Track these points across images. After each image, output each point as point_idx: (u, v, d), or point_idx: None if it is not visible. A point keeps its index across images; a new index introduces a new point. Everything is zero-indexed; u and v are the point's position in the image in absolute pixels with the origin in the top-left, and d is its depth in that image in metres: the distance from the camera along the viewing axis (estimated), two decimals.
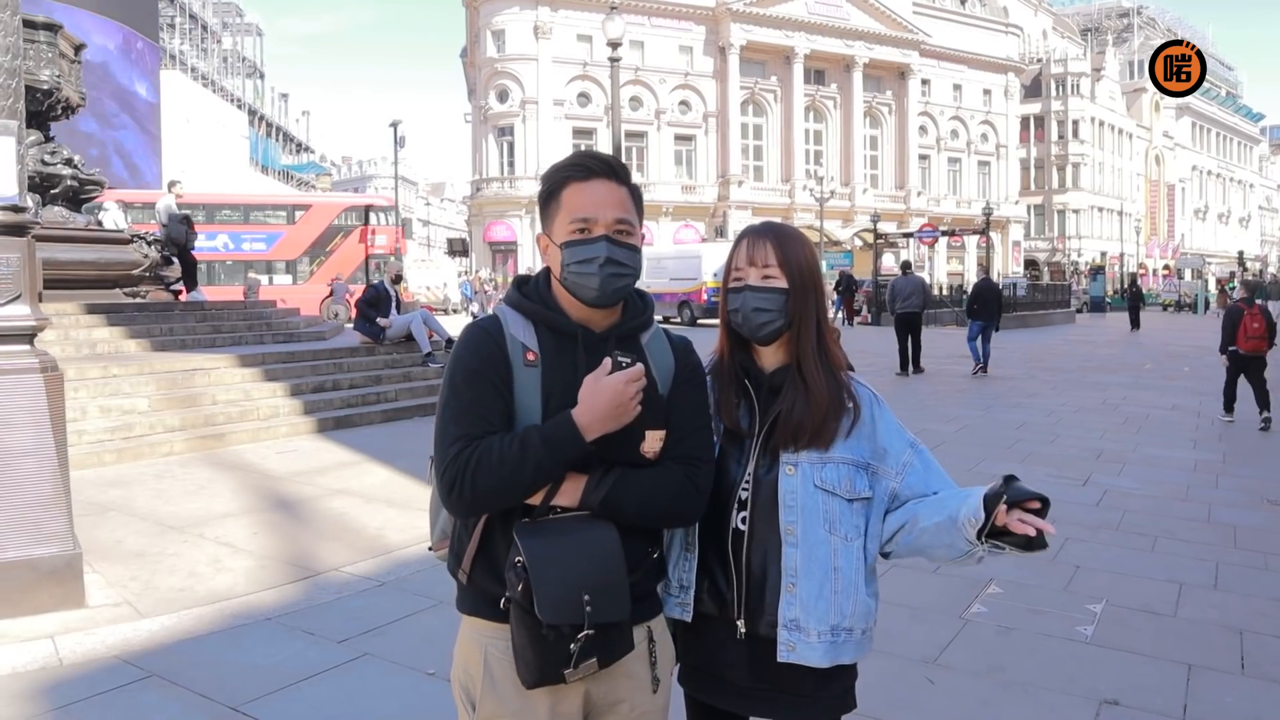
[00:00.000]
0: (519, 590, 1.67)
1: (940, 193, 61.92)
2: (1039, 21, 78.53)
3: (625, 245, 1.84)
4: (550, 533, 1.72)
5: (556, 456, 1.71)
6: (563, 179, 1.85)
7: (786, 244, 1.98)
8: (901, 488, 1.96)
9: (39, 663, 4.12)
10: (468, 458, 1.70)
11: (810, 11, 54.68)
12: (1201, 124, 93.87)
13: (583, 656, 1.71)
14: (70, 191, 12.83)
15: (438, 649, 4.16)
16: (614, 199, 1.85)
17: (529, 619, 1.67)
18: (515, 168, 49.78)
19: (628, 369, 1.74)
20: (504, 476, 1.69)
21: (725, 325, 2.04)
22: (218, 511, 6.75)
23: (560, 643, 1.68)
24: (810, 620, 1.87)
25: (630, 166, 2.02)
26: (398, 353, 12.59)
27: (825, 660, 1.87)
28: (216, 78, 50.21)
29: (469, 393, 1.77)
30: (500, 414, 1.77)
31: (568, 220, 1.83)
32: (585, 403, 1.72)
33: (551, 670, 1.70)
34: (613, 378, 1.72)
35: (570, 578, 1.67)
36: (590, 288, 1.81)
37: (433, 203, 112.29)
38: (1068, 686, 3.94)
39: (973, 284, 19.19)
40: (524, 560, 1.67)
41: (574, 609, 1.66)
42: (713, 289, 30.80)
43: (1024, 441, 9.87)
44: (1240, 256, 69.54)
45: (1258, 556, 5.89)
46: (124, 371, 9.51)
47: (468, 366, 1.79)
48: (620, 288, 1.84)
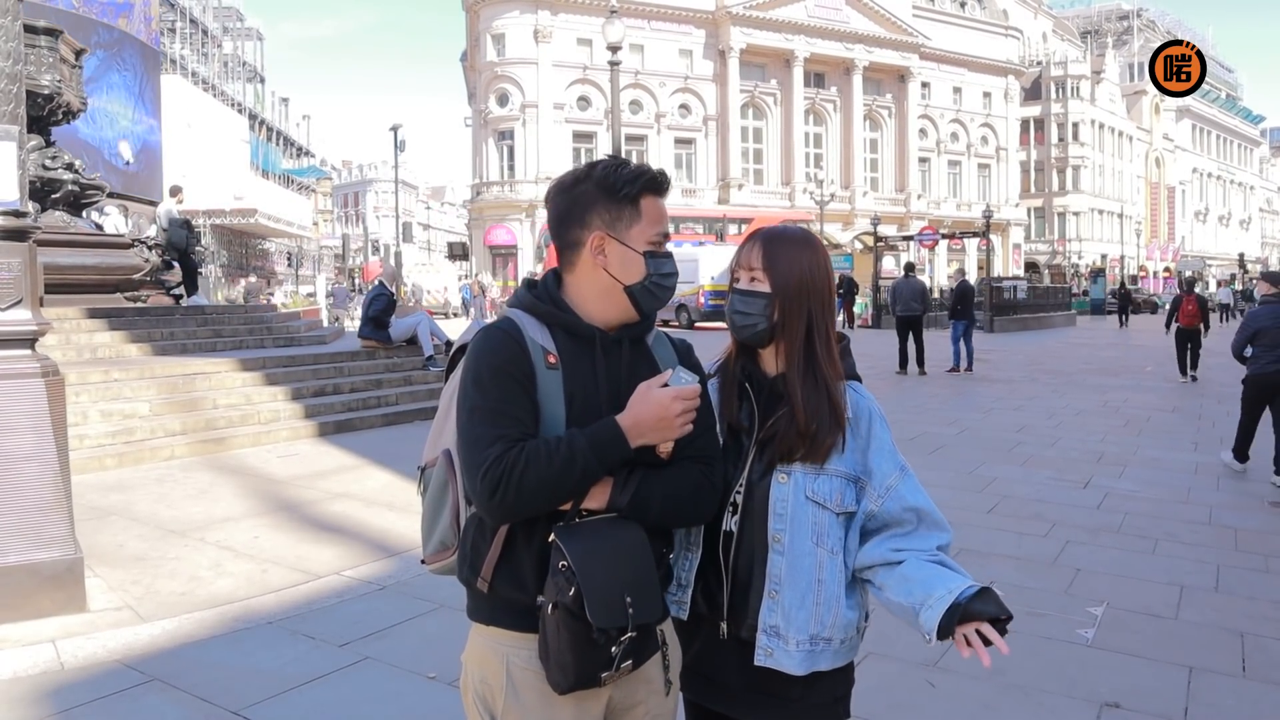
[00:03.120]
0: (570, 595, 1.65)
1: (940, 196, 61.94)
2: (1039, 24, 78.60)
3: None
4: (588, 536, 1.71)
5: (603, 460, 1.70)
6: (643, 187, 1.85)
7: (777, 248, 1.96)
8: (880, 510, 1.93)
9: (40, 667, 4.12)
10: (514, 459, 1.66)
11: (810, 15, 54.72)
12: (1202, 126, 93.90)
13: (623, 659, 1.71)
14: (71, 196, 12.87)
15: (439, 653, 4.16)
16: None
17: (576, 623, 1.65)
18: (515, 171, 49.80)
19: (683, 385, 1.74)
20: (551, 480, 1.67)
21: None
22: (219, 515, 6.76)
23: (606, 646, 1.68)
24: (790, 629, 1.86)
25: None
26: (398, 356, 12.60)
27: (801, 668, 1.87)
28: (217, 82, 50.15)
29: (497, 391, 1.74)
30: (530, 414, 1.75)
31: (651, 231, 1.85)
32: (633, 409, 1.73)
33: (589, 674, 1.69)
34: (663, 391, 1.72)
35: (615, 580, 1.68)
36: (663, 299, 1.88)
37: (433, 207, 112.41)
38: (1069, 689, 3.94)
39: (954, 286, 19.38)
40: (570, 564, 1.66)
41: (620, 611, 1.67)
42: (710, 292, 30.85)
43: (1024, 444, 9.86)
44: (1241, 259, 69.57)
45: (1259, 559, 5.89)
46: (125, 376, 9.52)
47: (493, 365, 1.76)
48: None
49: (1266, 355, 8.35)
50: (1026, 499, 7.16)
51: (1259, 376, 8.39)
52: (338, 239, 68.48)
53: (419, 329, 12.63)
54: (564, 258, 1.89)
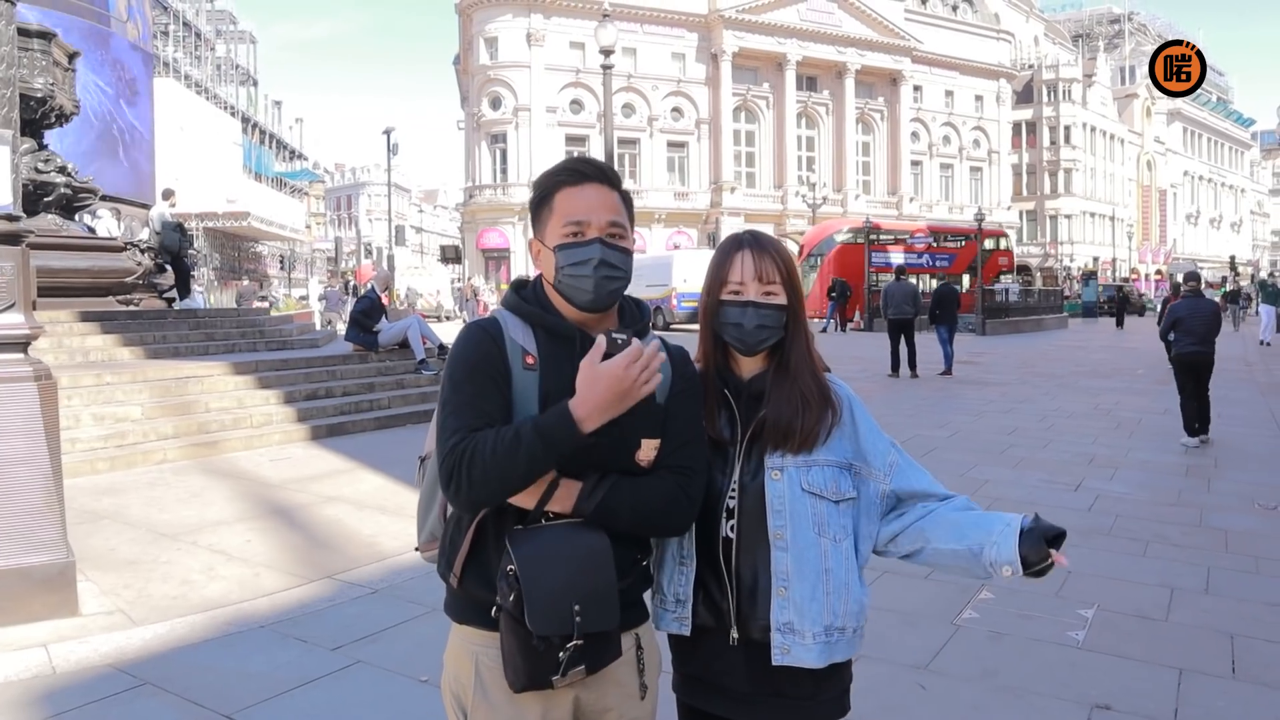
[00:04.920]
0: (510, 600, 1.66)
1: (933, 198, 62.09)
2: (1030, 28, 78.89)
3: (618, 248, 1.85)
4: (543, 541, 1.71)
5: (550, 446, 1.67)
6: (555, 184, 1.87)
7: (786, 259, 2.00)
8: (893, 488, 1.99)
9: (32, 671, 4.11)
10: (465, 448, 1.68)
11: (802, 18, 54.86)
12: (1193, 129, 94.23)
13: (571, 664, 1.71)
14: (64, 199, 12.84)
15: (431, 656, 4.14)
16: (606, 202, 1.86)
17: (519, 628, 1.67)
18: (508, 174, 49.86)
19: (625, 347, 1.69)
20: (497, 466, 1.66)
21: (708, 334, 2.03)
22: (211, 519, 6.75)
23: (549, 652, 1.68)
24: (805, 623, 1.87)
25: (623, 173, 2.05)
26: (390, 360, 12.59)
27: (820, 660, 1.87)
28: (210, 85, 50.09)
29: (469, 386, 1.76)
30: (500, 408, 1.76)
31: (561, 223, 1.84)
32: (582, 391, 1.69)
33: (540, 676, 1.70)
34: (611, 362, 1.68)
35: (561, 588, 1.67)
36: (584, 290, 1.82)
37: (426, 210, 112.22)
38: (1059, 691, 3.96)
39: (934, 289, 19.52)
40: (515, 569, 1.67)
41: (564, 619, 1.66)
42: (683, 294, 31.10)
43: (1016, 446, 9.89)
44: (1232, 261, 69.74)
45: (1249, 560, 5.92)
46: (117, 379, 9.50)
47: (467, 362, 1.78)
48: (613, 290, 1.85)
49: (1185, 339, 10.40)
50: (1018, 501, 7.15)
51: (1180, 356, 10.50)
52: (330, 242, 68.37)
53: (410, 332, 12.62)
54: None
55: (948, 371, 17.13)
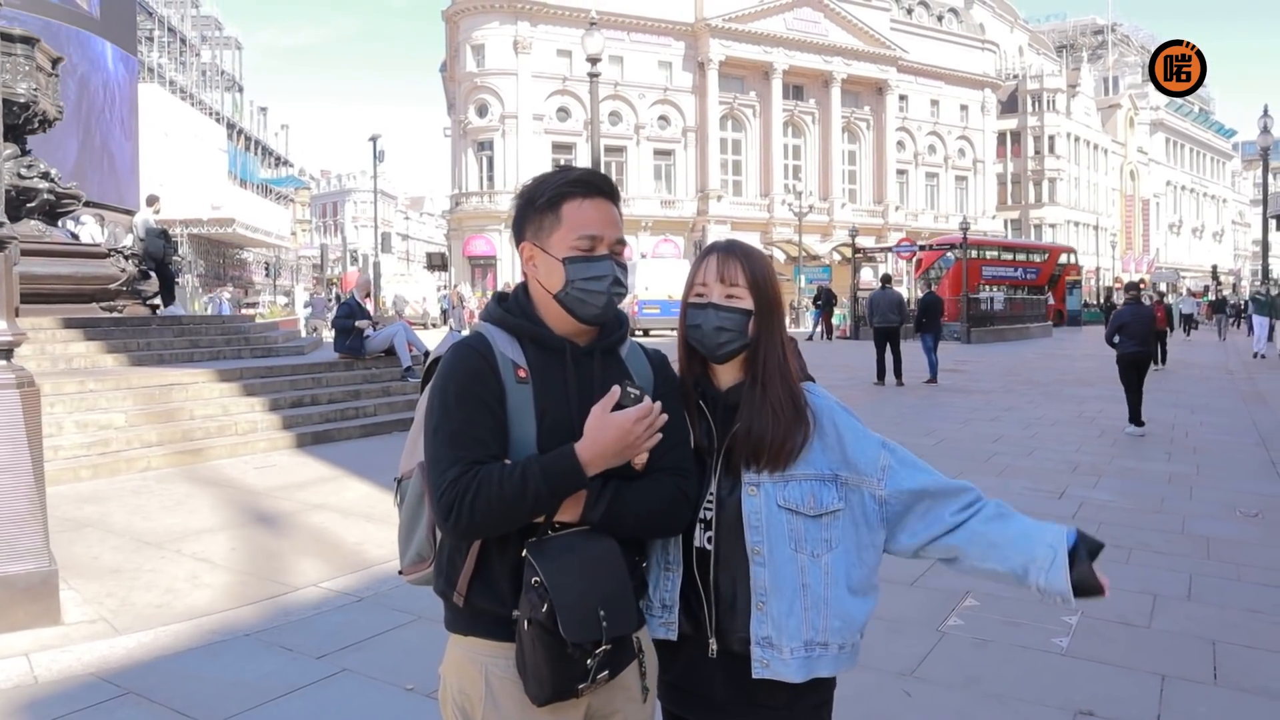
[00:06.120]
0: (543, 611, 1.66)
1: (918, 207, 62.35)
2: (1015, 38, 79.41)
3: (623, 265, 1.88)
4: (560, 551, 1.71)
5: (556, 491, 1.69)
6: (564, 193, 1.84)
7: (755, 264, 1.97)
8: (889, 493, 1.94)
9: (14, 680, 4.09)
10: (466, 484, 1.67)
11: (789, 28, 55.06)
12: (1175, 140, 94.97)
13: (599, 670, 1.72)
14: (47, 205, 12.76)
15: (417, 664, 4.16)
16: (614, 219, 1.87)
17: (551, 638, 1.66)
18: (495, 182, 49.79)
19: (637, 403, 1.72)
20: (503, 507, 1.67)
21: (684, 341, 2.02)
22: (195, 527, 6.71)
23: (581, 659, 1.69)
24: (783, 638, 1.86)
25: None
26: (376, 367, 12.57)
27: (800, 675, 1.87)
28: (195, 91, 49.98)
29: (461, 413, 1.74)
30: (494, 434, 1.75)
31: (572, 236, 1.82)
32: (590, 436, 1.71)
33: (566, 686, 1.70)
34: (623, 414, 1.71)
35: (588, 594, 1.68)
36: (595, 305, 1.82)
37: (412, 217, 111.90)
38: (1043, 697, 3.98)
39: (920, 299, 19.56)
40: (542, 580, 1.67)
41: (593, 625, 1.67)
42: (643, 301, 31.70)
43: (1001, 454, 9.94)
44: (1214, 270, 70.29)
45: (1230, 567, 5.96)
46: (101, 386, 9.44)
47: (459, 385, 1.76)
48: (616, 305, 1.87)
49: (1127, 342, 11.56)
50: None
51: (1124, 356, 11.60)
52: (316, 249, 68.23)
53: (396, 340, 12.60)
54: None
55: (933, 380, 17.18)
